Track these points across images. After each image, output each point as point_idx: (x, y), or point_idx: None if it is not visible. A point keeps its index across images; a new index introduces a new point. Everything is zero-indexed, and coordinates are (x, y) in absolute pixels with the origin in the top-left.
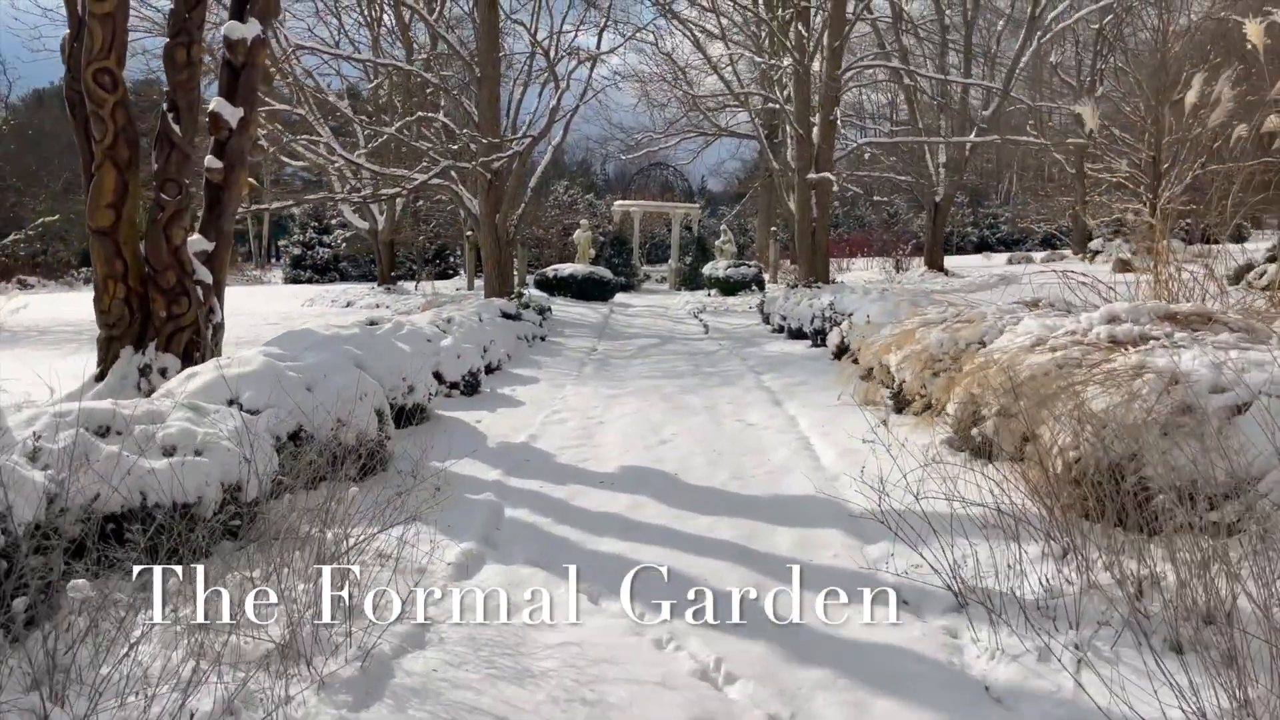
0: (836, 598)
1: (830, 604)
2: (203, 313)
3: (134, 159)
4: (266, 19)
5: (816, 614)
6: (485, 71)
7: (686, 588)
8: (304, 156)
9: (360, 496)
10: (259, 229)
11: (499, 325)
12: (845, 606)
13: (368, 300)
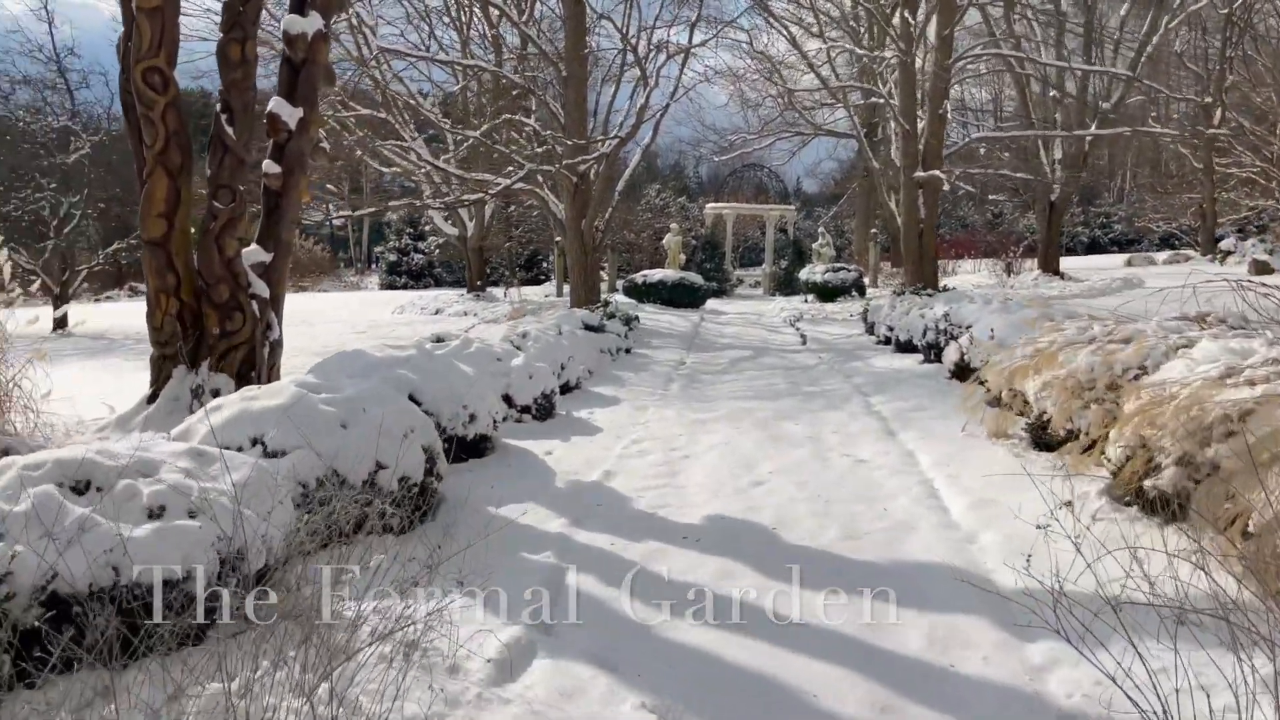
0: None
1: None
2: (259, 329)
3: (186, 165)
4: (329, 12)
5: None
6: (571, 70)
7: (793, 713)
8: (395, 163)
9: (389, 561)
10: (358, 235)
11: (579, 339)
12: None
13: (456, 308)
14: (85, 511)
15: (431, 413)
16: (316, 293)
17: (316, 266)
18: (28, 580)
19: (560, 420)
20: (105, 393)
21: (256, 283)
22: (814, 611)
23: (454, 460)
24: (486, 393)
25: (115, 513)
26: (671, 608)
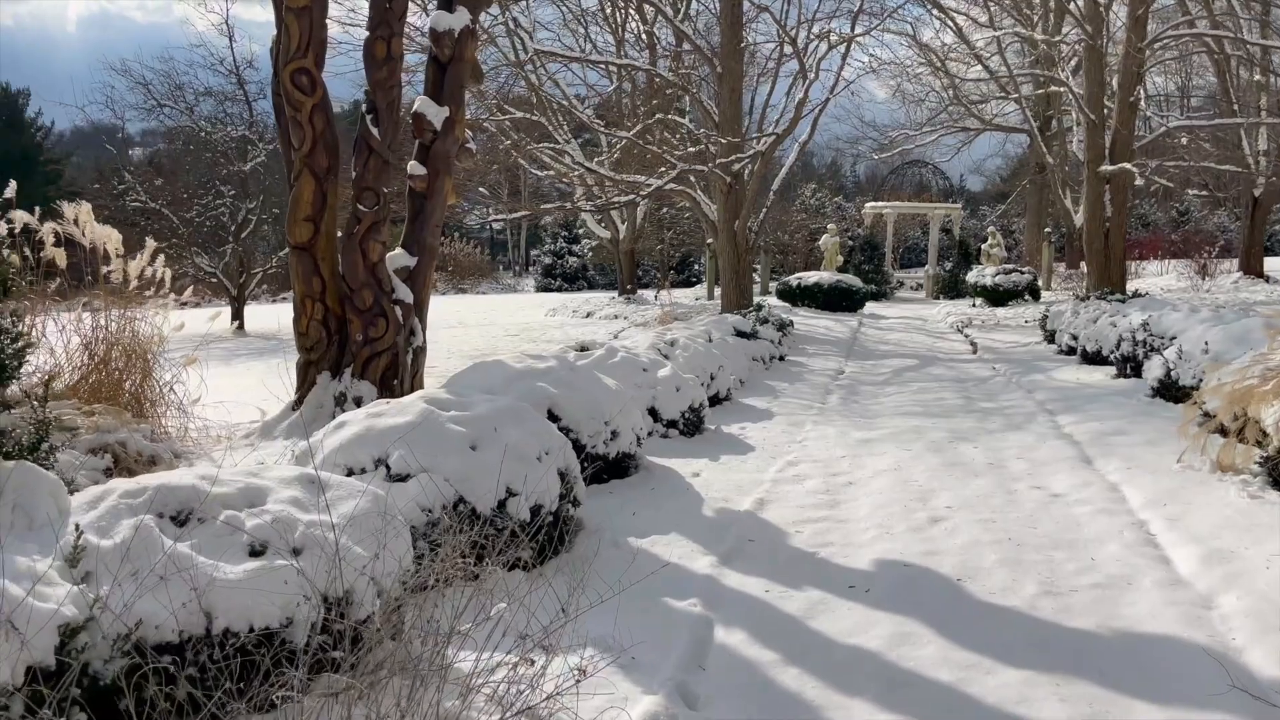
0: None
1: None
2: (402, 336)
3: (333, 167)
4: (477, 7)
5: None
6: (727, 66)
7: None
8: (550, 166)
9: (516, 604)
10: (516, 238)
11: (730, 346)
12: None
13: (607, 311)
14: (180, 548)
15: (571, 429)
16: (475, 294)
17: (475, 268)
18: (111, 628)
19: (709, 436)
20: (264, 395)
21: (400, 288)
22: (1020, 699)
23: (594, 480)
24: (630, 407)
25: (214, 549)
26: (837, 676)
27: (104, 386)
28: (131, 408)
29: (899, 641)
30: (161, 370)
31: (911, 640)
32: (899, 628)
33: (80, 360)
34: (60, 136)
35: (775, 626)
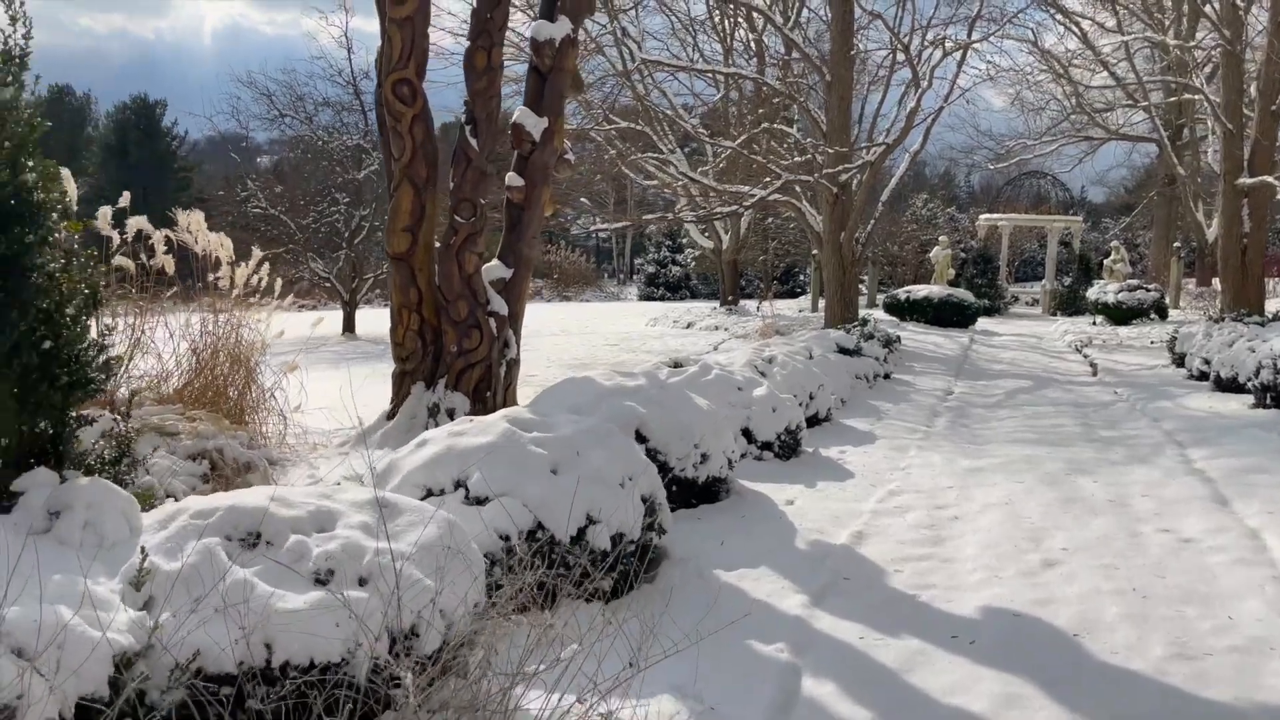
0: None
1: None
2: (495, 348)
3: (432, 178)
4: (579, 16)
5: None
6: (836, 74)
7: None
8: (655, 176)
9: (592, 639)
10: (621, 247)
11: (831, 363)
12: None
13: (708, 321)
14: (244, 574)
15: (659, 451)
16: (579, 302)
17: (580, 277)
18: (169, 657)
19: (806, 460)
20: (366, 400)
21: (495, 299)
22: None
23: (683, 505)
24: (723, 428)
25: (279, 575)
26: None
27: (209, 391)
28: (233, 414)
29: (1006, 704)
30: (265, 375)
31: (1021, 704)
32: (1006, 688)
33: (187, 365)
34: (194, 145)
35: (869, 678)
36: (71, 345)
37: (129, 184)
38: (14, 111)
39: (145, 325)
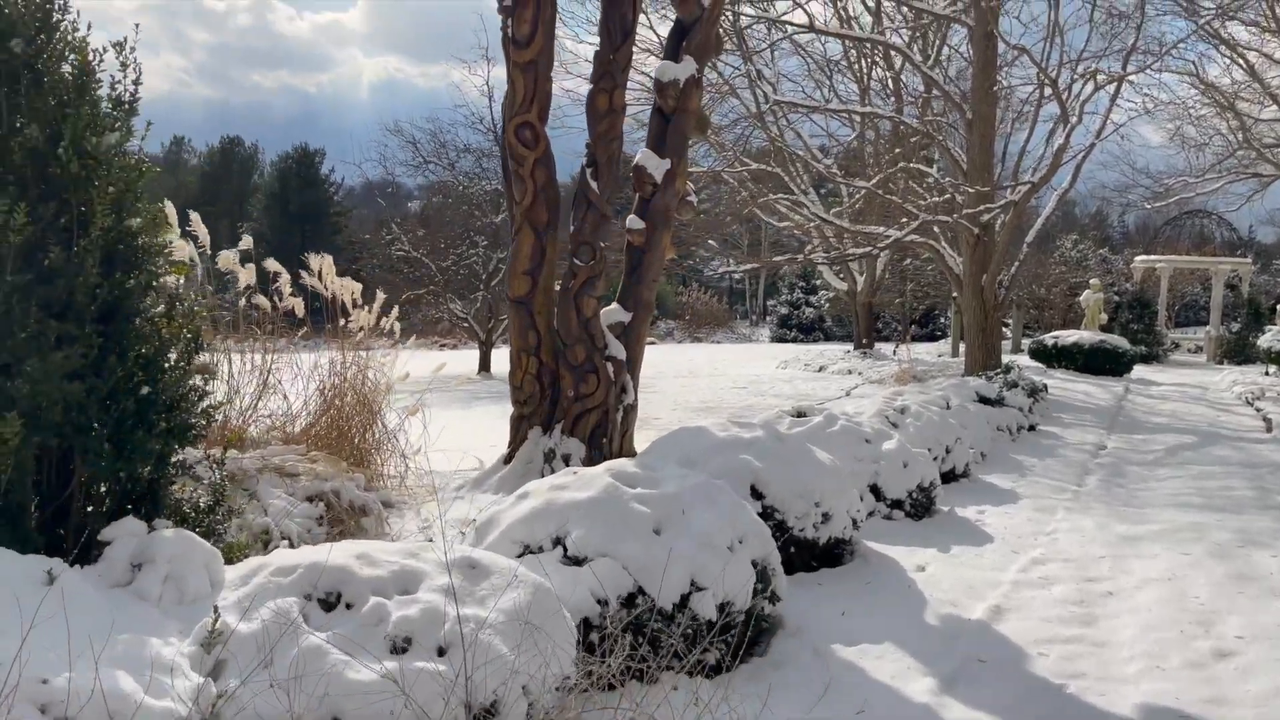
0: None
1: None
2: (612, 393)
3: (553, 221)
4: (704, 57)
5: None
6: (978, 111)
7: None
8: (788, 217)
9: None
10: (754, 288)
11: (970, 414)
12: None
13: (840, 365)
14: (317, 639)
15: (776, 509)
16: (710, 343)
17: (712, 318)
18: None
19: (940, 520)
20: (492, 441)
21: (613, 344)
22: None
23: (801, 568)
24: (847, 485)
25: (355, 640)
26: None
27: (333, 432)
28: (356, 455)
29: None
30: (389, 414)
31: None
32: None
33: (314, 405)
34: (350, 191)
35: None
36: (171, 391)
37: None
38: (121, 156)
39: (274, 365)
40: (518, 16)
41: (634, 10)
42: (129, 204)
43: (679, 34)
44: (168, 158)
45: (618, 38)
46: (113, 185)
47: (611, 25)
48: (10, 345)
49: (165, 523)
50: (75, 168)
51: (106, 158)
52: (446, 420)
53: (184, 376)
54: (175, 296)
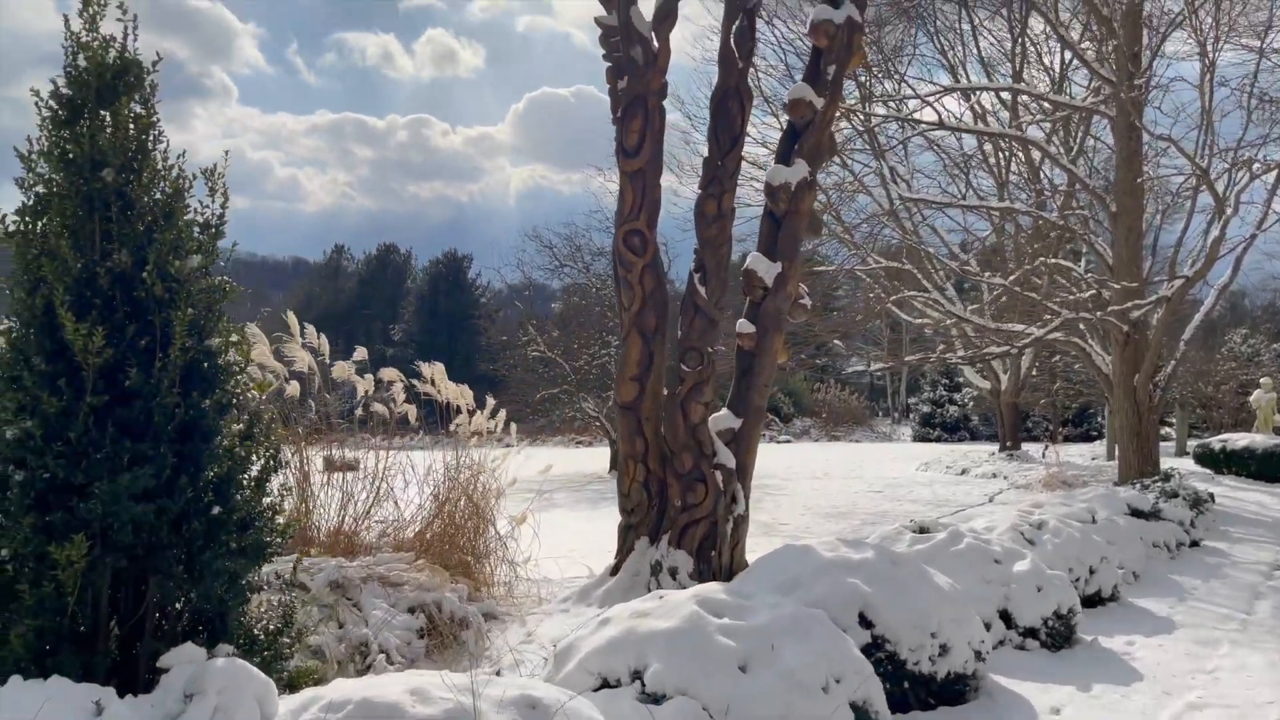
0: None
1: None
2: (721, 503)
3: (660, 327)
4: (817, 160)
5: None
6: (1122, 204)
7: None
8: (925, 314)
9: None
10: (895, 385)
11: (1120, 529)
12: None
13: (985, 468)
14: None
15: (886, 640)
16: (848, 442)
17: (850, 415)
18: None
19: (1081, 652)
20: (610, 547)
21: (722, 451)
22: None
23: (918, 706)
24: (969, 613)
25: None
26: None
27: (443, 538)
28: (463, 563)
29: None
30: (501, 520)
31: None
32: None
33: (427, 511)
34: (499, 293)
35: None
36: (244, 510)
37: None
38: (204, 278)
39: (388, 471)
40: (626, 128)
41: (742, 118)
42: (210, 324)
43: (791, 137)
44: (329, 265)
45: (726, 144)
46: (193, 307)
47: (720, 132)
48: (85, 466)
49: (228, 648)
50: (159, 290)
51: (189, 280)
52: (570, 521)
53: (261, 494)
54: (255, 416)
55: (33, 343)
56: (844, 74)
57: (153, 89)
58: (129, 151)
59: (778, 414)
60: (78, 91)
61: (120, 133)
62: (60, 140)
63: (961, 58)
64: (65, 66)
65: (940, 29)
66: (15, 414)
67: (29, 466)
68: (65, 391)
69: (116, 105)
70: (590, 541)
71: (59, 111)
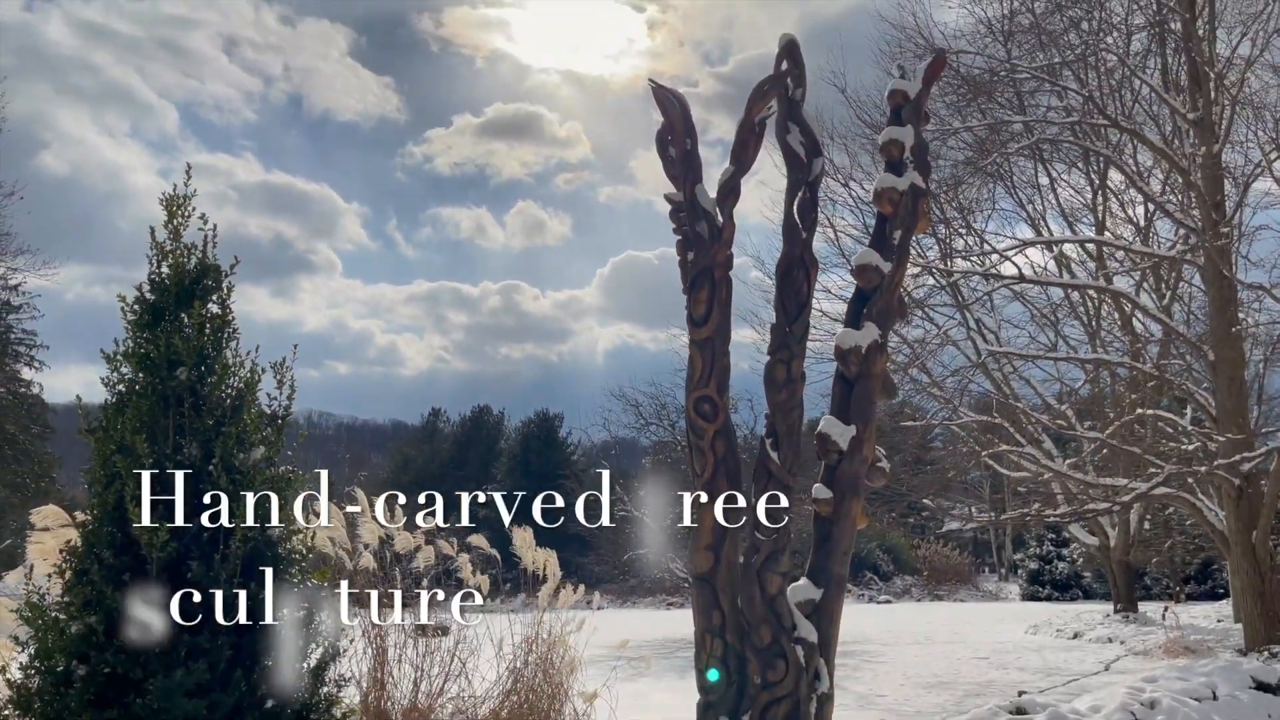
0: None
1: None
2: (804, 681)
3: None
4: (886, 323)
5: None
6: (1219, 353)
7: None
8: (1023, 467)
9: None
10: (1000, 540)
11: (1244, 706)
12: None
13: (1099, 631)
14: None
15: None
16: (952, 601)
17: (953, 573)
18: None
19: None
20: None
21: (803, 625)
22: None
23: None
24: None
25: None
26: None
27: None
28: None
29: None
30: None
31: None
32: None
33: (503, 686)
34: (590, 450)
35: None
36: (298, 702)
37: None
38: (269, 469)
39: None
40: (694, 298)
41: (808, 286)
42: (273, 512)
43: (860, 300)
44: (425, 427)
45: (793, 311)
46: (253, 496)
47: (786, 300)
48: (143, 661)
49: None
50: (223, 483)
51: (253, 471)
52: (655, 691)
53: (316, 685)
54: (314, 601)
55: (104, 536)
56: (910, 238)
57: (229, 290)
58: (203, 350)
59: (876, 572)
60: (159, 296)
61: (196, 333)
62: (141, 341)
63: (1041, 210)
64: (150, 274)
65: (1018, 184)
66: (81, 609)
67: (91, 662)
68: (130, 586)
69: (194, 308)
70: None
71: (142, 315)
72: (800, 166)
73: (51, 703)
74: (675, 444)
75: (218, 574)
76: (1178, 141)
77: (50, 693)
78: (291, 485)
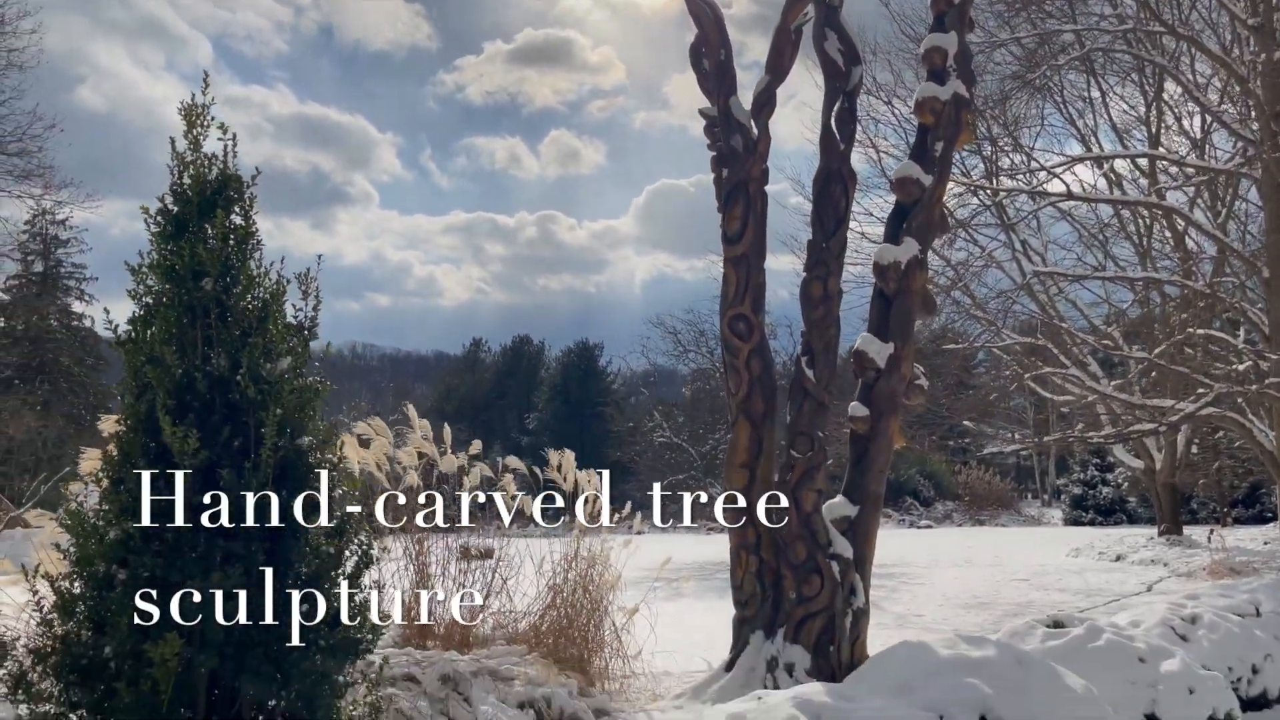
0: None
1: None
2: (839, 596)
3: (770, 412)
4: (927, 237)
5: None
6: (1276, 270)
7: None
8: (1067, 390)
9: None
10: (1043, 465)
11: None
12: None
13: (1143, 554)
14: None
15: None
16: (993, 526)
17: (995, 498)
18: None
19: None
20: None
21: (838, 541)
22: None
23: None
24: (1107, 717)
25: None
26: None
27: (556, 630)
28: (575, 659)
29: None
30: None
31: None
32: None
33: (540, 603)
34: (629, 379)
35: None
36: (334, 608)
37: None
38: (297, 379)
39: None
40: (729, 215)
41: (846, 200)
42: (301, 423)
43: (899, 216)
44: (467, 357)
45: (830, 227)
46: (280, 408)
47: (823, 215)
48: (180, 565)
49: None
50: (252, 393)
51: (281, 382)
52: (694, 613)
53: (353, 593)
54: (345, 515)
55: (138, 445)
56: (952, 151)
57: (251, 201)
58: (228, 261)
59: (917, 497)
60: (182, 207)
61: (220, 244)
62: (166, 253)
63: (1093, 126)
64: (171, 185)
65: (1068, 98)
66: (119, 515)
67: (130, 566)
68: (165, 492)
69: (216, 218)
70: (713, 634)
71: (166, 226)
72: (838, 75)
73: (95, 606)
74: (714, 370)
75: (249, 481)
76: (1237, 49)
77: (92, 596)
78: (319, 396)
